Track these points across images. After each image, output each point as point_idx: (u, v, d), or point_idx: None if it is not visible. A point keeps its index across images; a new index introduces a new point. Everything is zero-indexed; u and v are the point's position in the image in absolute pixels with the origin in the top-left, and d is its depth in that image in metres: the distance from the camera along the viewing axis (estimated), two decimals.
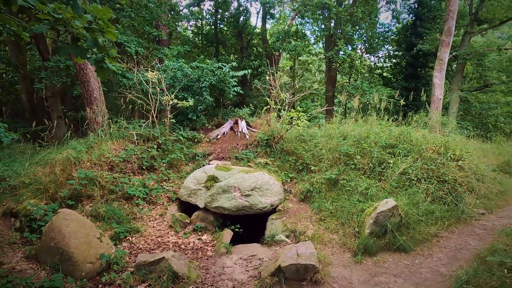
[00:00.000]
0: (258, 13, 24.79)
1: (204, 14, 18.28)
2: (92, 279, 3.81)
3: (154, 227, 5.46)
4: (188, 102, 7.88)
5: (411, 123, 7.90)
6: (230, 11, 16.46)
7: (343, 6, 15.78)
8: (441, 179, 5.25)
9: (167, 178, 6.61)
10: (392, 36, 19.44)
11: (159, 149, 7.04)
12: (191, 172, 6.54)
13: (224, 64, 9.80)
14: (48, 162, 5.69)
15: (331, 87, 17.55)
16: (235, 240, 5.17)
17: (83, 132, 7.71)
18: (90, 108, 7.43)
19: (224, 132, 9.00)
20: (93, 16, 1.82)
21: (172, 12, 15.50)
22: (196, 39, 19.08)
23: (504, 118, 17.23)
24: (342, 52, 14.83)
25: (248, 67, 14.23)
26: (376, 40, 18.09)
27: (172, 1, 15.22)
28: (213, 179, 6.04)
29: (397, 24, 19.83)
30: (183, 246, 5.03)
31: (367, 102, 9.65)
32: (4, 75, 13.83)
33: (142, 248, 4.79)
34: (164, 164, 6.81)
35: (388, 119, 7.99)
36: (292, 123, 7.50)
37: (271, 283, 3.67)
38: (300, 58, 19.82)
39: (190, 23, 19.13)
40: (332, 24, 16.39)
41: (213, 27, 17.70)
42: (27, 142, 7.63)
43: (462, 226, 4.63)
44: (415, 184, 5.23)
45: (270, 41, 18.28)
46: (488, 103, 16.37)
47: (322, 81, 22.10)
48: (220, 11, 16.51)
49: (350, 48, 17.04)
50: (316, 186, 5.89)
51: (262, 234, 5.35)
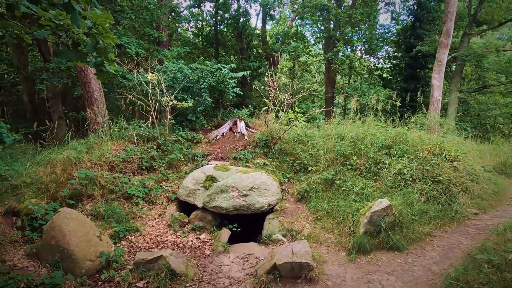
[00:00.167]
0: (258, 14, 24.92)
1: (205, 15, 18.40)
2: (91, 276, 3.90)
3: (153, 226, 5.55)
4: (187, 103, 7.97)
5: (408, 124, 7.98)
6: (230, 13, 16.55)
7: (342, 8, 15.87)
8: (435, 179, 5.33)
9: (167, 178, 6.70)
10: (391, 38, 19.50)
11: (158, 149, 7.13)
12: (190, 172, 6.63)
13: (223, 65, 9.89)
14: (49, 162, 5.78)
15: (331, 88, 17.63)
16: (232, 239, 5.25)
17: (84, 133, 7.81)
18: (91, 109, 7.53)
19: (223, 133, 9.09)
20: (92, 22, 1.91)
21: (173, 14, 15.61)
22: (197, 40, 19.18)
23: (502, 119, 17.27)
24: (341, 54, 14.90)
25: (247, 68, 14.32)
26: (375, 41, 18.15)
27: (172, 2, 15.35)
28: (211, 179, 6.12)
29: (396, 25, 19.91)
30: (181, 245, 5.12)
31: (366, 103, 9.72)
32: (5, 76, 13.96)
33: (141, 247, 4.87)
34: (164, 164, 6.90)
35: (385, 120, 8.05)
36: (290, 124, 7.58)
37: (267, 280, 3.75)
38: (300, 59, 19.89)
39: (191, 24, 19.24)
40: (331, 26, 16.47)
41: (213, 28, 17.81)
42: (28, 142, 7.74)
43: (455, 226, 4.71)
44: (410, 184, 5.30)
45: (270, 42, 18.36)
46: (487, 104, 16.41)
47: (322, 82, 22.18)
48: (220, 12, 16.61)
49: (350, 50, 17.12)
50: (313, 186, 5.97)
51: (260, 233, 5.42)
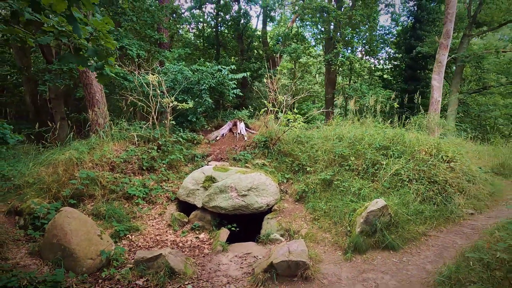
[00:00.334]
0: (258, 16, 25.04)
1: (206, 17, 18.52)
2: (92, 274, 3.99)
3: (153, 225, 5.63)
4: (188, 104, 8.07)
5: (406, 125, 8.04)
6: (231, 14, 16.65)
7: (342, 10, 15.94)
8: (432, 180, 5.38)
9: (167, 179, 6.78)
10: (392, 39, 19.54)
11: (159, 150, 7.22)
12: (190, 173, 6.71)
13: (223, 66, 9.99)
14: (51, 162, 5.88)
15: (331, 89, 17.69)
16: (231, 239, 5.33)
17: (85, 134, 7.91)
18: (92, 110, 7.63)
19: (223, 134, 9.17)
20: (93, 28, 2.00)
21: (174, 15, 15.72)
22: (198, 41, 19.30)
23: (502, 120, 17.28)
24: (341, 55, 14.96)
25: (248, 69, 14.41)
26: (375, 42, 18.20)
27: (173, 4, 15.47)
28: (211, 179, 6.20)
29: (396, 26, 19.96)
30: (180, 244, 5.20)
31: (365, 105, 9.78)
32: (8, 77, 14.09)
33: (141, 246, 4.96)
34: (164, 165, 6.99)
35: (384, 121, 8.11)
36: (289, 125, 7.66)
37: (263, 279, 3.82)
38: (300, 60, 19.96)
39: (192, 26, 19.36)
40: (331, 27, 16.54)
41: (214, 29, 17.92)
42: (31, 143, 7.85)
43: (451, 226, 4.76)
44: (407, 184, 5.36)
45: (270, 43, 18.45)
46: (487, 105, 16.42)
47: (322, 83, 22.25)
48: (221, 14, 16.71)
49: (350, 51, 17.18)
50: (311, 187, 6.04)
51: (258, 233, 5.49)
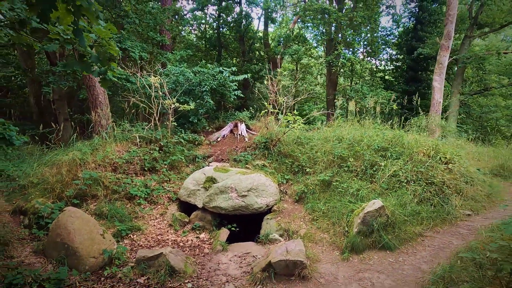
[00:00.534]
0: (259, 18, 25.14)
1: (207, 18, 18.65)
2: (95, 272, 4.08)
3: (154, 225, 5.73)
4: (189, 105, 8.18)
5: (406, 127, 8.09)
6: (233, 16, 16.76)
7: (343, 11, 15.99)
8: (429, 181, 5.44)
9: (168, 179, 6.88)
10: (393, 40, 19.57)
11: (160, 151, 7.32)
12: (191, 174, 6.80)
13: (225, 68, 10.09)
14: (55, 163, 6.00)
15: (332, 90, 17.74)
16: (231, 239, 5.42)
17: (88, 135, 8.03)
18: (95, 111, 7.75)
19: (224, 135, 9.26)
20: (97, 36, 2.09)
21: (176, 17, 15.85)
22: (200, 43, 19.43)
23: (504, 122, 17.26)
24: (342, 56, 15.02)
25: (249, 71, 14.50)
26: (376, 44, 18.24)
27: (176, 6, 15.60)
28: (211, 180, 6.30)
29: (398, 28, 19.98)
30: (181, 244, 5.29)
31: (364, 106, 9.84)
32: (13, 78, 14.28)
33: (143, 245, 5.06)
34: (166, 166, 7.09)
35: (383, 123, 8.16)
36: (289, 126, 7.74)
37: (262, 277, 3.90)
38: (302, 61, 20.03)
39: (194, 27, 19.50)
40: (332, 29, 16.60)
41: (215, 31, 18.04)
42: (35, 143, 7.97)
43: (447, 226, 4.82)
44: (404, 185, 5.42)
45: (271, 45, 18.54)
46: (488, 107, 16.41)
47: (324, 84, 22.29)
48: (223, 15, 16.83)
49: (351, 52, 17.23)
50: (311, 188, 6.11)
51: (258, 233, 5.57)
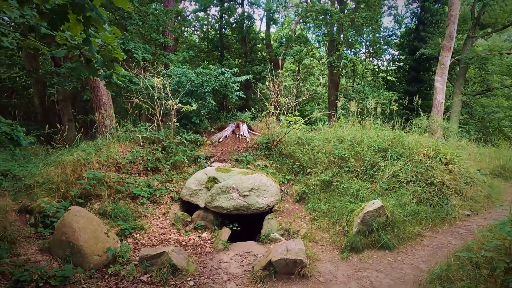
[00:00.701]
0: (261, 19, 25.22)
1: (210, 19, 18.75)
2: (99, 270, 4.18)
3: (157, 225, 5.82)
4: (192, 106, 8.27)
5: (407, 127, 8.13)
6: (235, 17, 16.84)
7: (345, 12, 16.03)
8: (429, 182, 5.48)
9: (171, 179, 6.98)
10: (395, 40, 19.58)
11: (163, 151, 7.42)
12: (193, 174, 6.89)
13: (227, 69, 10.17)
14: (60, 163, 6.10)
15: (334, 90, 17.79)
16: (233, 238, 5.50)
17: (92, 135, 8.14)
18: (99, 112, 7.86)
19: (226, 135, 9.34)
20: (103, 41, 2.17)
21: (179, 18, 15.96)
22: (202, 43, 19.54)
23: (506, 122, 17.20)
24: (344, 57, 15.06)
25: (251, 72, 14.57)
26: (378, 45, 18.26)
27: (178, 7, 15.71)
28: (213, 180, 6.38)
29: (400, 28, 19.99)
30: (183, 243, 5.37)
31: (365, 106, 9.88)
32: (17, 79, 14.46)
33: (146, 244, 5.15)
34: (168, 166, 7.18)
35: (384, 123, 8.20)
36: (290, 127, 7.80)
37: (262, 276, 3.98)
38: (304, 62, 20.09)
39: (196, 28, 19.61)
40: (334, 30, 16.64)
41: (218, 32, 18.14)
42: (40, 144, 8.09)
43: (446, 227, 4.87)
44: (404, 186, 5.47)
45: (273, 45, 18.60)
46: (490, 107, 16.38)
47: (326, 84, 22.33)
48: (225, 16, 16.92)
49: (352, 53, 17.26)
50: (311, 188, 6.17)
51: (259, 232, 5.65)
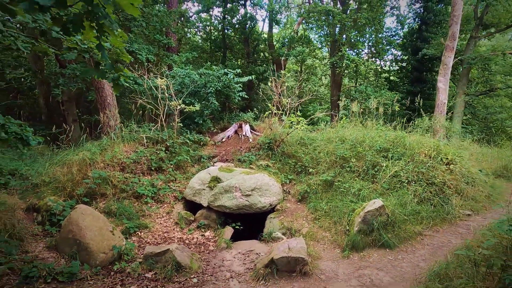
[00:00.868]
0: (264, 20, 25.30)
1: (213, 20, 18.85)
2: (105, 267, 4.27)
3: (161, 223, 5.91)
4: (195, 107, 8.36)
5: (409, 127, 8.17)
6: (237, 18, 16.92)
7: (348, 13, 16.06)
8: (430, 182, 5.53)
9: (174, 179, 7.07)
10: (397, 41, 19.56)
11: (167, 151, 7.51)
12: (197, 173, 6.98)
13: (229, 70, 10.25)
14: (66, 162, 6.21)
15: (337, 91, 17.81)
16: (235, 237, 5.58)
17: (97, 135, 8.25)
18: (104, 112, 7.97)
19: (228, 136, 9.43)
20: (111, 45, 2.26)
21: (182, 19, 16.06)
22: (205, 44, 19.64)
23: (509, 122, 17.13)
24: (346, 58, 15.09)
25: (253, 72, 14.65)
26: (381, 45, 18.25)
27: (181, 8, 15.82)
28: (216, 179, 6.46)
29: (403, 29, 19.97)
30: (187, 241, 5.46)
31: (367, 107, 9.93)
32: (22, 80, 14.64)
33: (150, 242, 5.24)
34: (172, 166, 7.28)
35: (386, 123, 8.25)
36: (292, 127, 7.87)
37: (264, 273, 4.05)
38: (306, 62, 20.13)
39: (199, 28, 19.72)
40: (337, 30, 16.67)
41: (220, 33, 18.23)
42: (46, 144, 8.21)
43: (447, 226, 4.91)
44: (405, 186, 5.52)
45: (276, 46, 18.66)
46: (493, 107, 16.33)
47: (328, 85, 22.35)
48: (227, 17, 17.01)
49: (355, 54, 17.28)
50: (313, 188, 6.24)
51: (261, 231, 5.72)
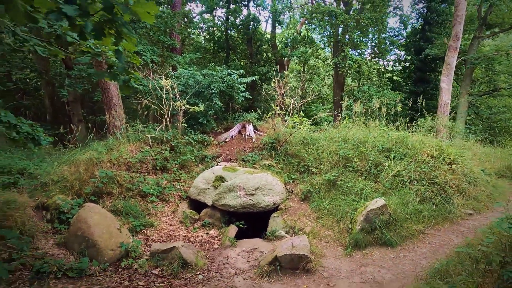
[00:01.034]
0: (267, 20, 25.38)
1: (216, 21, 18.97)
2: (113, 264, 4.38)
3: (166, 222, 6.02)
4: (199, 107, 8.47)
5: (412, 127, 8.22)
6: (241, 19, 17.03)
7: (350, 13, 16.10)
8: (432, 181, 5.58)
9: (179, 178, 7.18)
10: (401, 41, 19.56)
11: (171, 151, 7.62)
12: (201, 173, 7.08)
13: (233, 71, 10.35)
14: (73, 162, 6.33)
15: (339, 91, 17.85)
16: (239, 235, 5.67)
17: (103, 135, 8.38)
18: (109, 113, 8.10)
19: (232, 136, 9.53)
20: (123, 49, 2.37)
21: (185, 19, 16.20)
22: (208, 45, 19.76)
23: None
24: (349, 58, 15.12)
25: (256, 73, 14.74)
26: (384, 45, 18.27)
27: (185, 9, 15.96)
28: (220, 179, 6.56)
29: (406, 29, 19.96)
30: (192, 239, 5.56)
31: (369, 107, 9.98)
32: (28, 81, 14.82)
33: (156, 240, 5.35)
34: (176, 165, 7.39)
35: (389, 123, 8.30)
36: (295, 127, 7.95)
37: (268, 271, 4.13)
38: (309, 63, 20.19)
39: (202, 29, 19.84)
40: (340, 30, 16.72)
41: (224, 33, 18.35)
42: (53, 144, 8.35)
43: (449, 225, 4.97)
44: (407, 185, 5.58)
45: (279, 46, 18.74)
46: (497, 108, 16.29)
47: (331, 85, 22.39)
48: (231, 18, 17.12)
49: (357, 54, 17.32)
50: (316, 187, 6.32)
51: (265, 230, 5.81)
